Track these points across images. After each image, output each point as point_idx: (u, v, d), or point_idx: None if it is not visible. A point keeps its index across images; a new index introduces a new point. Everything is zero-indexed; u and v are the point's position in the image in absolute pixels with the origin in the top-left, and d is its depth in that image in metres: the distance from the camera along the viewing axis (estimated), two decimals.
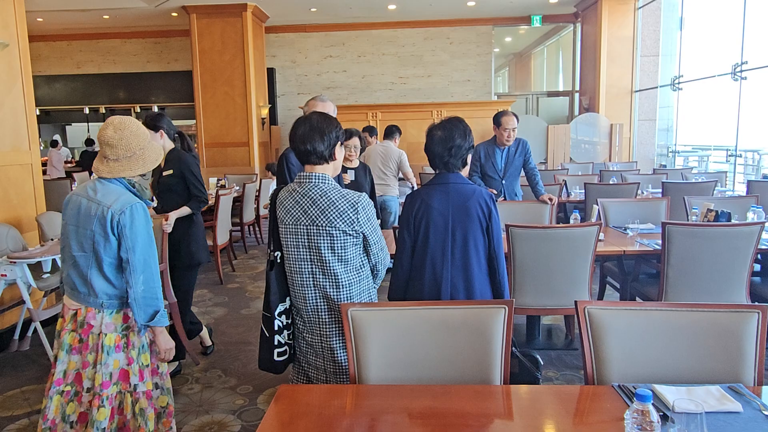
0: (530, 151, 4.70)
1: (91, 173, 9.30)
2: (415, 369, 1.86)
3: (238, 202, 7.03)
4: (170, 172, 3.51)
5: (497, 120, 4.62)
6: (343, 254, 2.06)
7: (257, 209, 7.78)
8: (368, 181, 4.35)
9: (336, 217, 2.03)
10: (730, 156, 8.33)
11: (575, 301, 1.82)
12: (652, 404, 1.57)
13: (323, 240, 2.04)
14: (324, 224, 2.03)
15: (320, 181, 2.07)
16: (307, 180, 2.08)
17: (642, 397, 1.18)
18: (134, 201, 2.12)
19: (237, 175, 8.84)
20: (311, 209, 2.05)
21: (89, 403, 2.14)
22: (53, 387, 2.16)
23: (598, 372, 1.77)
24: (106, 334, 2.12)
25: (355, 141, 4.27)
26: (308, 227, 2.05)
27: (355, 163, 4.41)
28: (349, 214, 2.04)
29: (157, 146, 2.28)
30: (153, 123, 3.45)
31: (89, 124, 13.11)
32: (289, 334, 2.19)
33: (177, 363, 3.64)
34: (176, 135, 3.63)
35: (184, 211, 3.53)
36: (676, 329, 1.76)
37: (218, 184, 7.90)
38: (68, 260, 2.17)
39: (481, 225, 2.35)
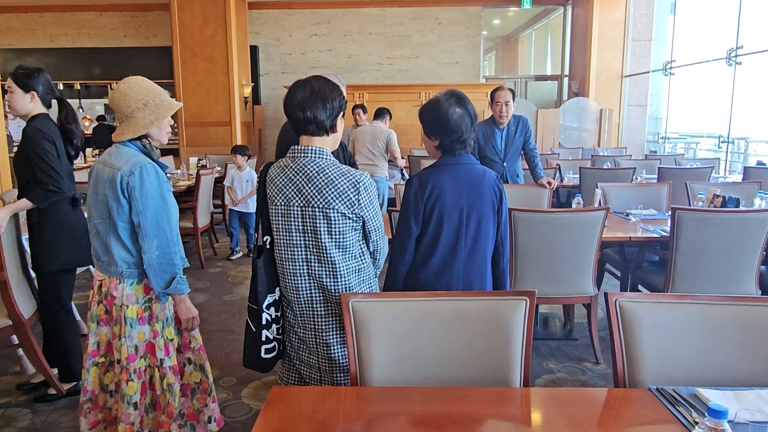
0: (531, 130, 4.48)
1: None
2: (424, 368, 1.65)
3: (219, 183, 6.75)
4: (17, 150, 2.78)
5: (491, 95, 4.41)
6: (341, 240, 1.83)
7: None
8: (346, 161, 3.97)
9: (334, 198, 1.79)
10: (722, 142, 8.22)
11: (605, 293, 1.62)
12: (692, 409, 1.38)
13: (320, 223, 1.80)
14: (321, 205, 1.79)
15: (317, 155, 1.83)
16: (303, 154, 1.83)
17: (717, 413, 0.98)
18: (145, 162, 2.04)
19: (218, 156, 8.54)
20: (306, 188, 1.80)
21: (120, 376, 2.13)
22: (89, 359, 2.16)
23: (630, 372, 1.58)
24: (127, 306, 2.08)
25: None
26: (303, 208, 1.81)
27: None
28: (349, 195, 1.80)
29: (164, 105, 2.08)
30: (22, 79, 2.73)
31: None
32: (278, 329, 1.96)
33: (75, 383, 3.01)
34: (56, 101, 2.88)
35: (22, 205, 2.72)
36: (718, 325, 1.57)
37: (199, 164, 7.59)
38: (92, 229, 2.14)
39: (494, 208, 2.14)
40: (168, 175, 6.92)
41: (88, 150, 9.39)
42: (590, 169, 5.89)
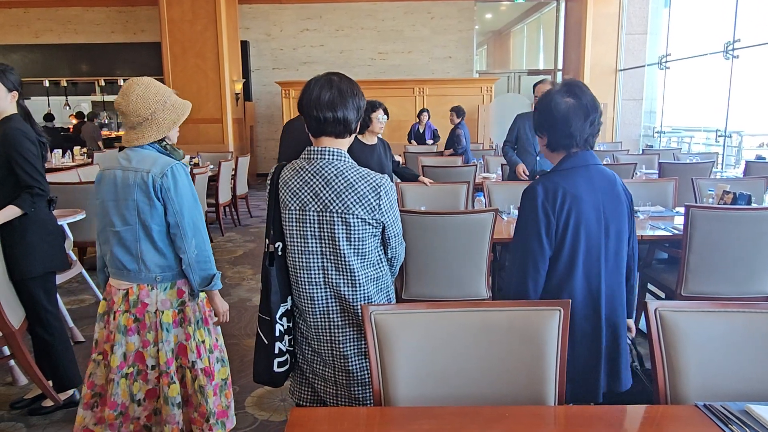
0: None
1: (52, 150, 8.74)
2: (452, 385, 1.54)
3: (213, 182, 6.61)
4: None
5: (533, 88, 4.51)
6: (360, 247, 1.72)
7: (233, 189, 7.37)
8: (389, 160, 3.73)
9: (354, 203, 1.68)
10: (719, 137, 8.19)
11: (644, 302, 1.53)
12: (746, 428, 1.29)
13: (338, 229, 1.69)
14: (339, 210, 1.68)
15: (335, 157, 1.71)
16: (320, 156, 1.71)
17: None
18: (172, 162, 2.03)
19: (210, 153, 8.38)
20: (324, 191, 1.69)
21: (157, 380, 2.12)
22: (117, 371, 2.09)
23: (673, 388, 1.49)
24: (163, 311, 2.08)
25: (380, 114, 3.68)
26: (320, 213, 1.70)
27: (374, 140, 3.80)
28: (370, 200, 1.69)
29: (179, 103, 2.06)
30: (6, 77, 2.58)
31: (49, 97, 12.28)
32: (290, 340, 1.85)
33: (72, 392, 2.89)
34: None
35: (11, 212, 2.55)
36: (766, 335, 1.48)
37: (191, 163, 7.43)
38: (112, 238, 2.07)
39: (628, 214, 1.88)
40: None
41: (76, 148, 9.22)
42: None
